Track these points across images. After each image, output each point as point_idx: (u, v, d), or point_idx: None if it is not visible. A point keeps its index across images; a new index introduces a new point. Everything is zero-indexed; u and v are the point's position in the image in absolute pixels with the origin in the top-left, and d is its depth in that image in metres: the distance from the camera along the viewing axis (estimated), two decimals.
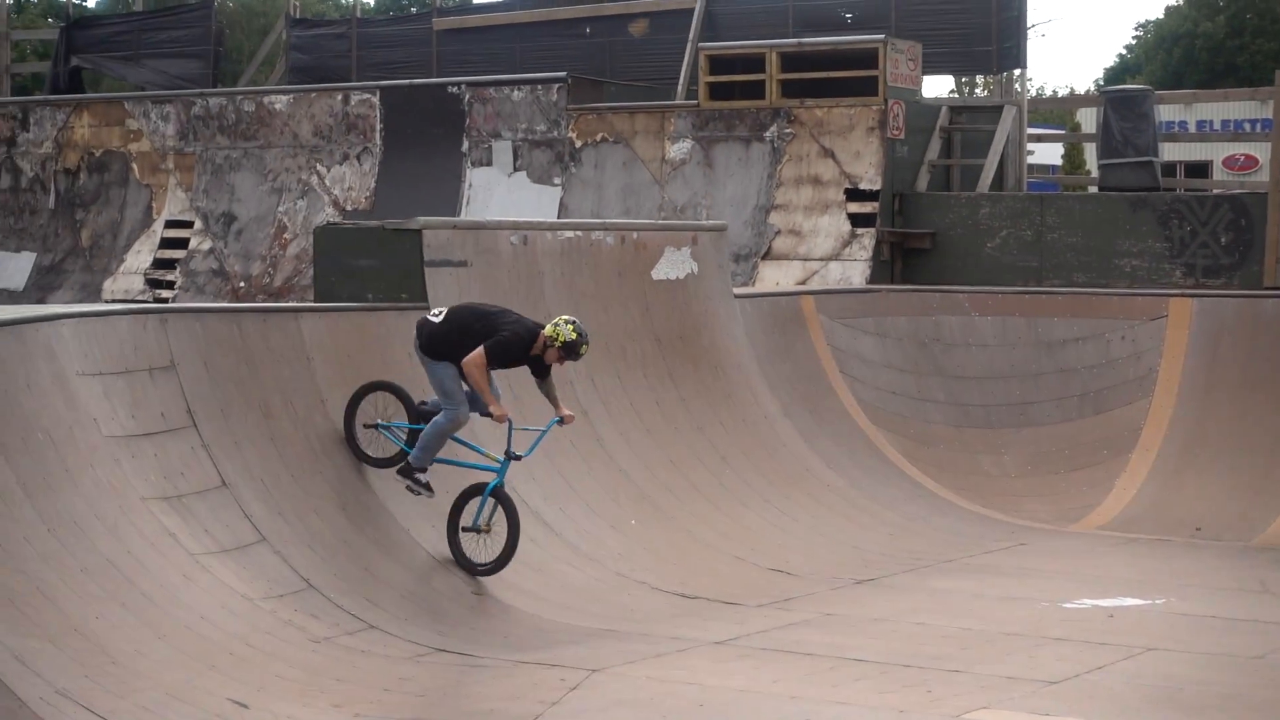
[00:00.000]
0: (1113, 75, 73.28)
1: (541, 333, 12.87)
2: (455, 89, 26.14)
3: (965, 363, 19.71)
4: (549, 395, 13.27)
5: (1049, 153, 43.61)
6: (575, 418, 13.48)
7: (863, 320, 19.78)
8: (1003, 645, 12.23)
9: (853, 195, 22.95)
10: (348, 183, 26.58)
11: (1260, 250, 20.82)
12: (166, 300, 26.19)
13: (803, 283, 22.34)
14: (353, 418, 13.45)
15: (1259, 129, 39.16)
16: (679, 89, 26.58)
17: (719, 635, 12.53)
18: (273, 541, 12.26)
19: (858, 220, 22.83)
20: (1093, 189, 26.15)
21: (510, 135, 25.46)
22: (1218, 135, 41.71)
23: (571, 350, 12.85)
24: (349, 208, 26.31)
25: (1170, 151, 39.93)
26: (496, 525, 13.00)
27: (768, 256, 23.07)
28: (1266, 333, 18.64)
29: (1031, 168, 31.32)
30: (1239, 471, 17.77)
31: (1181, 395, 18.61)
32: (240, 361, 13.18)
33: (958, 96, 49.15)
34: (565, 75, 25.42)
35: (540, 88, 25.35)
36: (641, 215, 23.62)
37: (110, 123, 29.05)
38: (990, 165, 23.66)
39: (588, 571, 13.95)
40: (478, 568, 12.99)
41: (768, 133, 23.57)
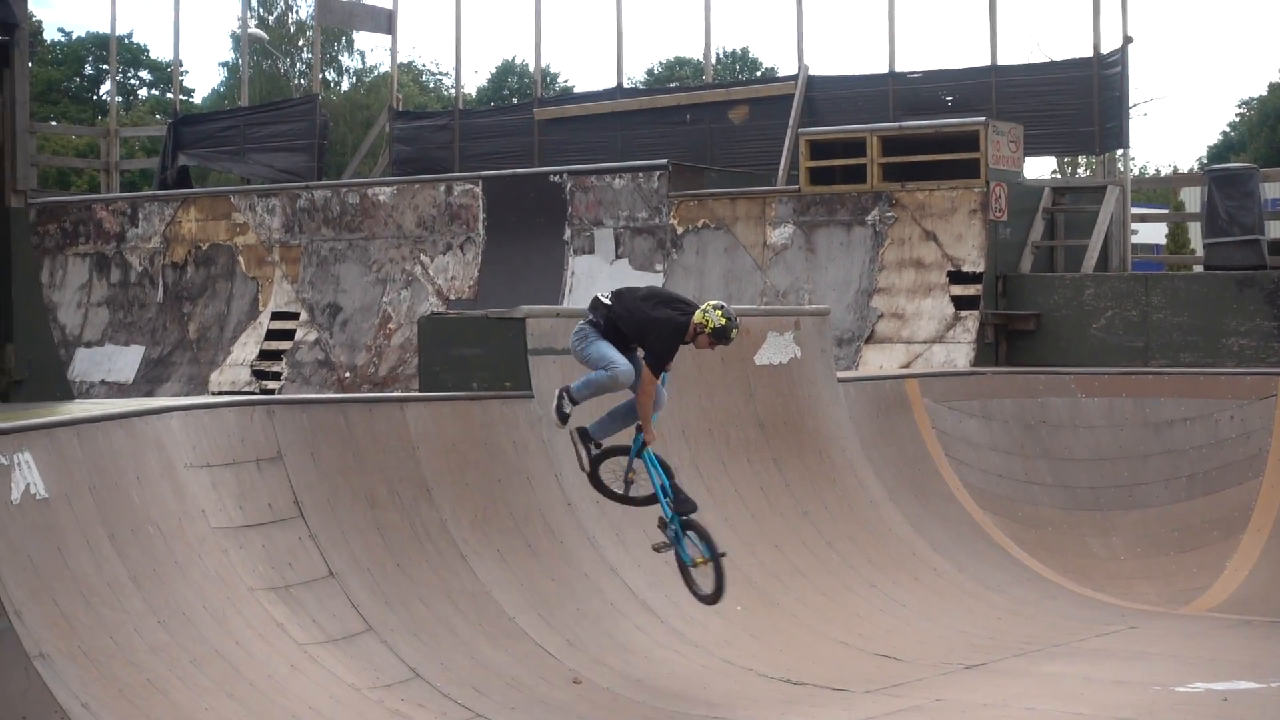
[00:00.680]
0: (1216, 153, 72.92)
1: (692, 321, 12.95)
2: (557, 178, 26.31)
3: (1072, 444, 19.56)
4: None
5: (1153, 232, 43.46)
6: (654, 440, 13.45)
7: (968, 403, 19.69)
8: None
9: (956, 278, 22.90)
10: (451, 272, 26.75)
11: None
12: (272, 391, 26.41)
13: (906, 366, 22.28)
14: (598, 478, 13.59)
15: None
16: (780, 174, 26.67)
17: None
18: (379, 631, 12.30)
19: (961, 303, 22.77)
20: (1198, 268, 26.00)
21: (612, 223, 25.58)
22: None
23: (722, 335, 12.91)
24: (453, 297, 26.48)
25: (1277, 230, 39.69)
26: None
27: (871, 340, 23.03)
28: None
29: (1136, 247, 31.18)
30: None
31: None
32: (346, 451, 13.26)
33: (1060, 177, 49.02)
34: (666, 162, 25.54)
35: (641, 175, 25.48)
36: (744, 300, 23.64)
37: (216, 216, 29.40)
38: (1094, 245, 23.57)
39: (694, 659, 13.90)
40: (703, 599, 13.19)
41: (869, 216, 23.57)
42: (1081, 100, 26.02)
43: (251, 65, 51.98)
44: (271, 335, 28.19)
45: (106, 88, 58.66)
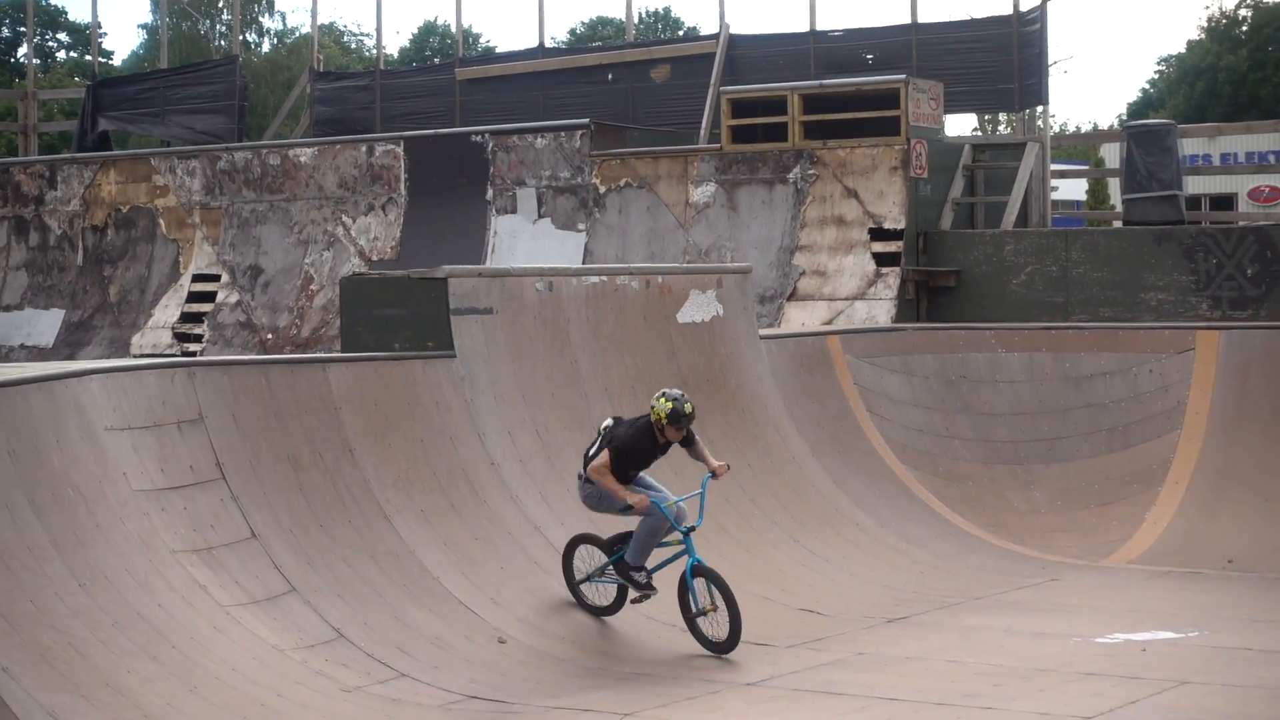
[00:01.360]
0: (1136, 110, 73.33)
1: (649, 420, 13.10)
2: (478, 138, 26.24)
3: (993, 399, 19.69)
4: (701, 458, 13.46)
5: (1073, 189, 43.69)
6: (728, 466, 13.64)
7: (889, 359, 19.78)
8: (1035, 681, 12.19)
9: (877, 235, 22.97)
10: (373, 233, 26.68)
11: None
12: (194, 354, 26.29)
13: (828, 323, 22.36)
14: (572, 579, 13.72)
15: None
16: (702, 133, 26.68)
17: (750, 677, 12.52)
18: (303, 592, 12.29)
19: (882, 259, 22.85)
20: (1117, 224, 26.15)
21: (534, 183, 25.55)
22: (1241, 168, 41.76)
23: (676, 418, 13.00)
24: (375, 258, 26.40)
25: (1195, 185, 39.95)
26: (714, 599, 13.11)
27: (793, 297, 23.09)
28: None
29: (1056, 204, 31.39)
30: (1271, 503, 17.72)
31: (1211, 427, 18.57)
32: (268, 412, 13.23)
33: (980, 134, 49.21)
34: (588, 122, 25.51)
35: (563, 135, 25.44)
36: (666, 259, 23.66)
37: (137, 179, 29.21)
38: (1014, 202, 23.68)
39: (619, 615, 13.93)
40: (715, 646, 13.03)
41: (791, 174, 23.62)
42: (1001, 58, 26.12)
43: (171, 27, 51.63)
44: (193, 297, 28.05)
45: (24, 50, 58.12)
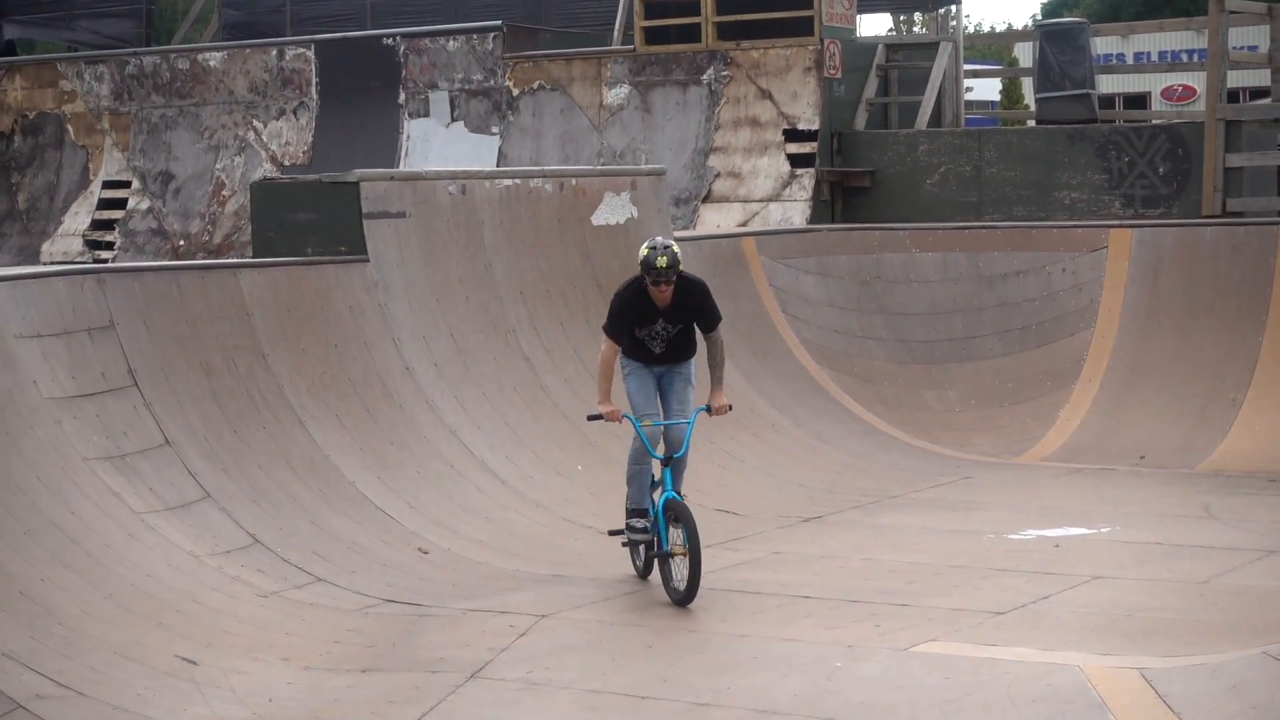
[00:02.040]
0: (1049, 9, 73.39)
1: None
2: (390, 40, 26.01)
3: (907, 299, 19.75)
4: (711, 367, 12.09)
5: (987, 89, 43.77)
6: (729, 407, 12.13)
7: (804, 260, 19.80)
8: (949, 578, 12.29)
9: (791, 136, 22.93)
10: (285, 138, 26.45)
11: (1198, 180, 20.90)
12: (106, 261, 26.05)
13: (743, 224, 22.34)
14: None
15: (1195, 59, 39.27)
16: (615, 34, 26.51)
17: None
18: (218, 498, 12.24)
19: (797, 161, 22.83)
20: (1031, 123, 26.20)
21: (447, 86, 25.36)
22: (1154, 66, 41.88)
23: (647, 268, 11.66)
24: (286, 163, 26.19)
25: (1108, 84, 40.03)
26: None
27: (708, 199, 23.06)
28: (1206, 261, 18.72)
29: (970, 104, 31.42)
30: (1182, 399, 17.88)
31: (1123, 325, 18.69)
32: (180, 319, 13.12)
33: (894, 34, 49.17)
34: (500, 24, 25.31)
35: (476, 37, 25.25)
36: (580, 162, 23.57)
37: (43, 85, 28.83)
38: (928, 102, 23.67)
39: (535, 518, 13.96)
40: (673, 593, 11.66)
41: (705, 76, 23.53)
42: None
43: None
44: (103, 204, 27.76)
45: None
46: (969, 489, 15.90)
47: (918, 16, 49.57)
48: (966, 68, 26.07)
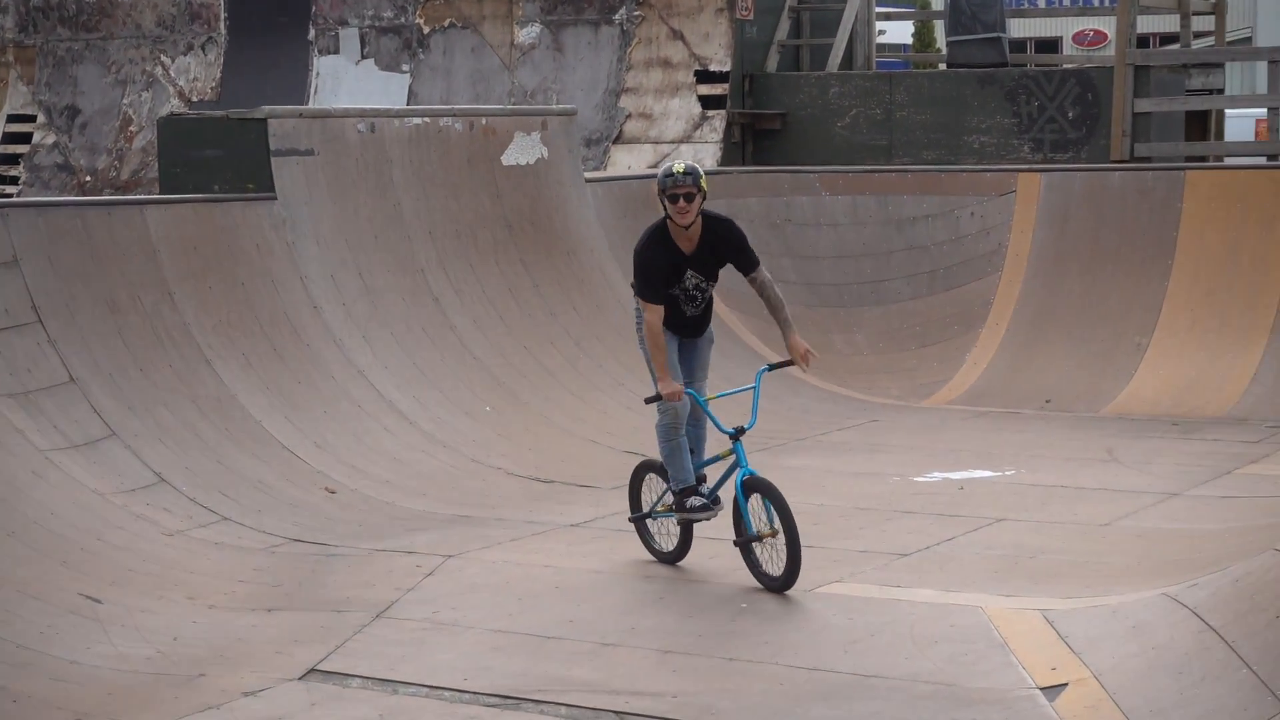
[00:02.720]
0: None
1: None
2: None
3: (817, 242, 19.79)
4: (773, 313, 10.90)
5: (900, 32, 43.76)
6: (813, 355, 11.02)
7: (714, 202, 19.57)
8: (855, 520, 12.37)
9: (703, 77, 22.90)
10: (193, 73, 26.21)
11: (1107, 125, 21.00)
12: (10, 196, 25.78)
13: (654, 166, 22.30)
14: (639, 517, 11.27)
15: (1106, 3, 39.39)
16: None
17: (575, 518, 12.57)
18: (123, 436, 12.16)
19: (708, 102, 22.80)
20: (942, 67, 26.26)
21: (357, 22, 25.18)
22: (1065, 11, 42.00)
23: (666, 178, 10.30)
24: (195, 99, 25.96)
25: (1020, 28, 40.19)
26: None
27: (619, 140, 23.01)
28: (1113, 206, 18.84)
29: (883, 47, 31.42)
30: (1088, 343, 18.01)
31: (1030, 269, 18.80)
32: (85, 255, 13.01)
33: None
34: None
35: None
36: (491, 101, 23.47)
37: None
38: (839, 45, 23.67)
39: (443, 459, 13.94)
40: (770, 581, 10.30)
41: (616, 15, 23.45)
42: None
43: None
44: (8, 138, 27.44)
45: None
46: (876, 432, 15.98)
47: None
48: (879, 10, 26.08)
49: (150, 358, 12.97)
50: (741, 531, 10.41)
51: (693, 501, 10.70)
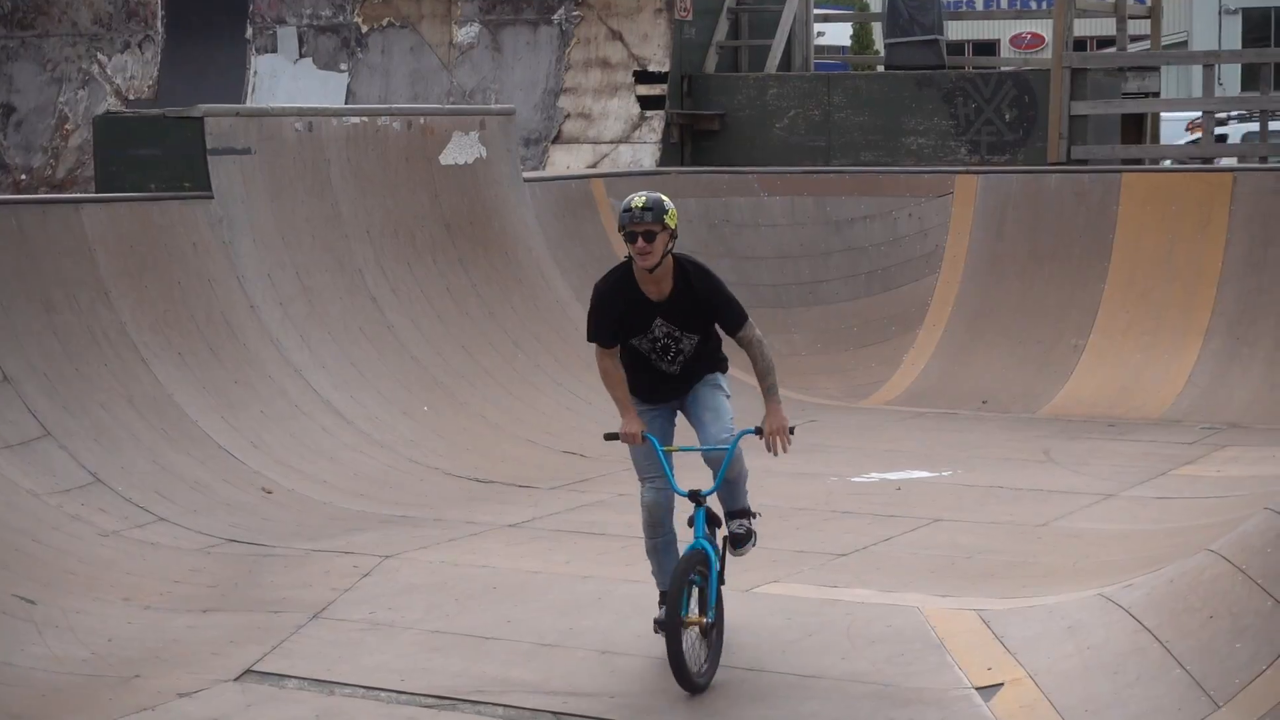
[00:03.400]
0: None
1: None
2: None
3: (755, 243, 19.81)
4: (758, 378, 9.57)
5: (839, 33, 43.87)
6: (785, 440, 9.61)
7: None
8: (792, 520, 12.38)
9: (641, 78, 22.89)
10: (130, 72, 26.06)
11: (1044, 127, 21.08)
12: None
13: (593, 166, 22.30)
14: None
15: (1044, 6, 39.60)
16: None
17: (513, 518, 12.55)
18: (58, 436, 12.08)
19: (647, 103, 22.79)
20: (881, 69, 26.32)
21: (295, 21, 25.09)
22: (1003, 13, 42.10)
23: (624, 223, 8.66)
24: (132, 97, 25.82)
25: (958, 30, 40.31)
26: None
27: (558, 140, 22.99)
28: (1050, 208, 18.91)
29: (822, 49, 31.47)
30: (1025, 344, 18.07)
31: (968, 271, 18.86)
32: (20, 254, 12.92)
33: None
34: None
35: None
36: (430, 101, 23.40)
37: None
38: (778, 46, 23.69)
39: (380, 459, 13.90)
40: (682, 676, 8.52)
41: (555, 15, 23.43)
42: None
43: None
44: None
45: None
46: (814, 432, 15.97)
47: None
48: (817, 12, 26.12)
49: (86, 357, 12.89)
50: (665, 610, 8.62)
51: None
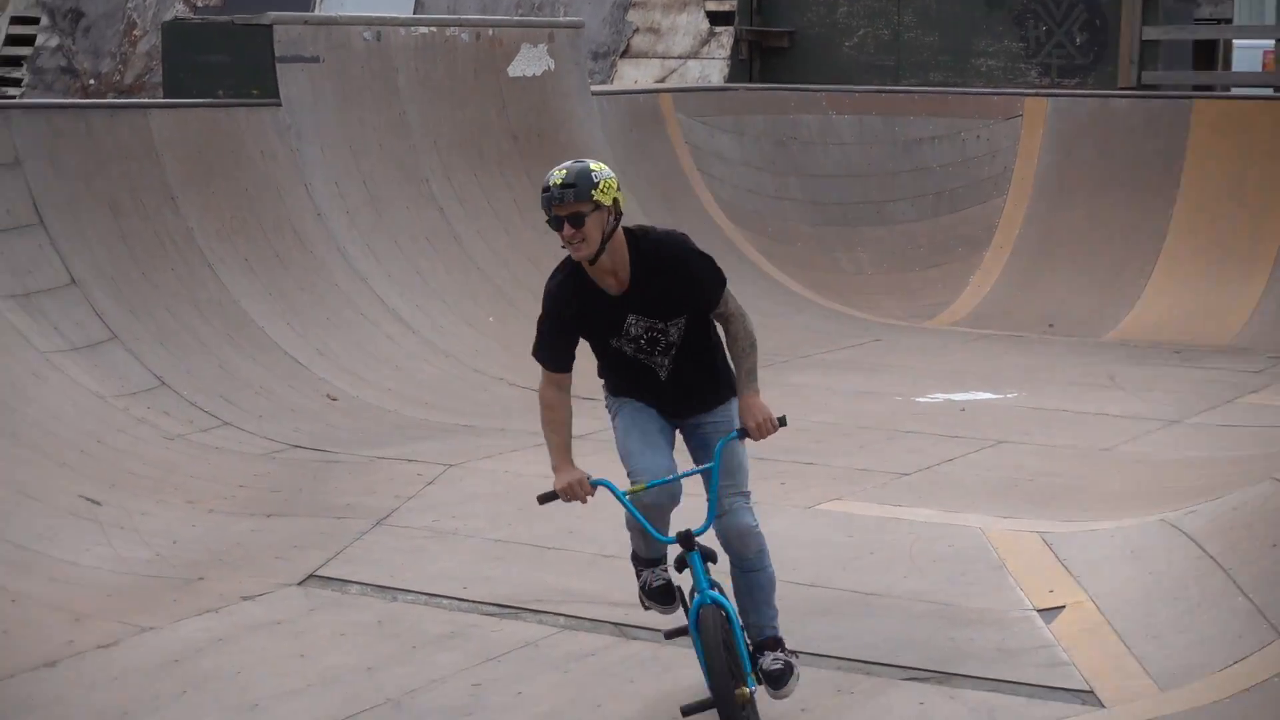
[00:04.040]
0: None
1: None
2: None
3: (823, 161, 19.72)
4: (732, 359, 7.29)
5: None
6: (776, 421, 7.22)
7: (721, 119, 19.72)
8: (856, 439, 12.36)
9: None
10: None
11: (1114, 51, 20.90)
12: (13, 98, 25.66)
13: (661, 81, 22.22)
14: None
15: None
16: None
17: (576, 430, 12.52)
18: (124, 339, 12.13)
19: (716, 18, 22.68)
20: None
21: None
22: None
23: (545, 206, 6.95)
24: (200, 4, 25.81)
25: None
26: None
27: (626, 54, 22.90)
28: (1119, 133, 18.76)
29: None
30: (1092, 269, 17.96)
31: (1036, 194, 18.74)
32: (88, 158, 12.95)
33: None
34: None
35: None
36: (499, 12, 23.34)
37: None
38: None
39: (444, 368, 13.92)
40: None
41: None
42: None
43: None
44: (11, 40, 27.28)
45: None
46: (878, 351, 15.95)
47: None
48: None
49: (152, 261, 12.93)
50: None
51: (642, 572, 7.68)
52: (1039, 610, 8.54)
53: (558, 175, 6.94)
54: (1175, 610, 8.08)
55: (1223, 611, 7.82)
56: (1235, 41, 24.64)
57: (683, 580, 7.31)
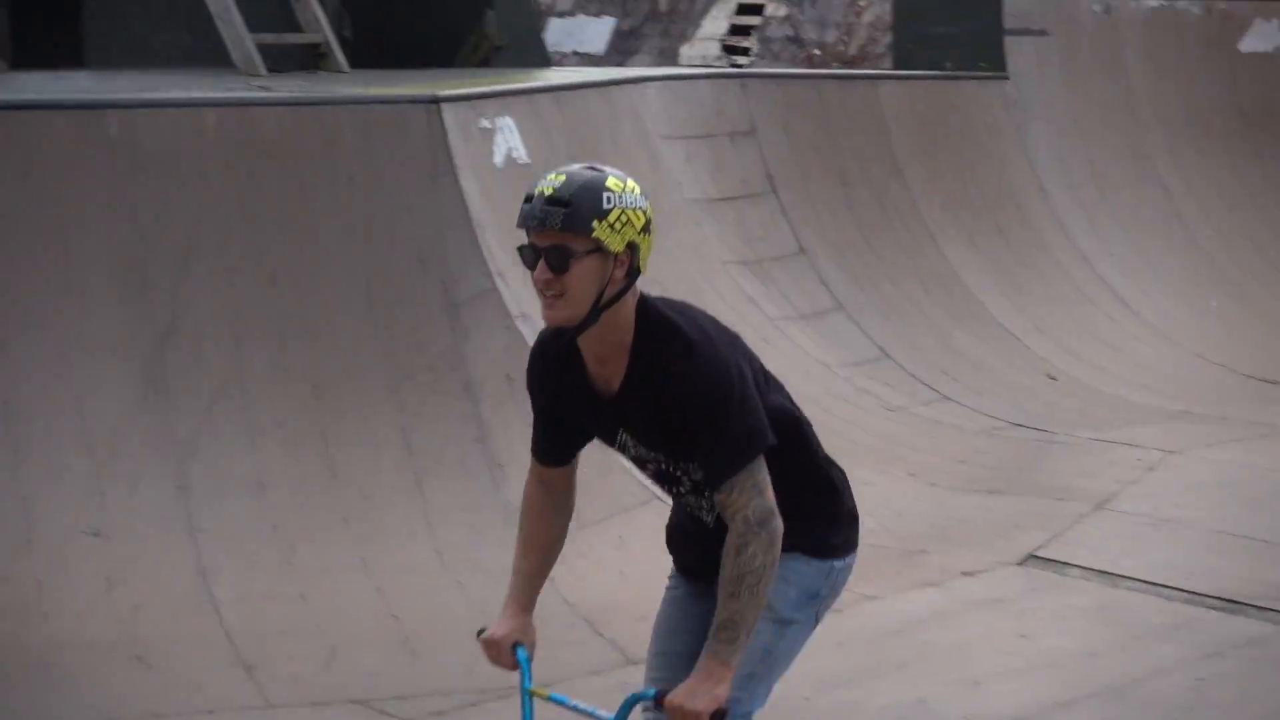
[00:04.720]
0: None
1: None
2: None
3: None
4: (722, 573, 4.22)
5: None
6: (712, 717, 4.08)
7: None
8: None
9: None
10: None
11: None
12: (741, 66, 26.37)
13: None
14: None
15: None
16: None
17: None
18: (849, 309, 12.33)
19: None
20: None
21: None
22: None
23: (523, 225, 4.15)
24: None
25: None
26: None
27: None
28: None
29: None
30: None
31: None
32: (818, 128, 13.21)
33: None
34: None
35: None
36: None
37: None
38: None
39: (1163, 351, 13.64)
40: None
41: None
42: None
43: None
44: (742, 10, 28.02)
45: None
46: None
47: None
48: None
49: (877, 231, 13.10)
50: None
51: None
52: None
53: (550, 182, 4.16)
54: None
55: None
56: None
57: None
